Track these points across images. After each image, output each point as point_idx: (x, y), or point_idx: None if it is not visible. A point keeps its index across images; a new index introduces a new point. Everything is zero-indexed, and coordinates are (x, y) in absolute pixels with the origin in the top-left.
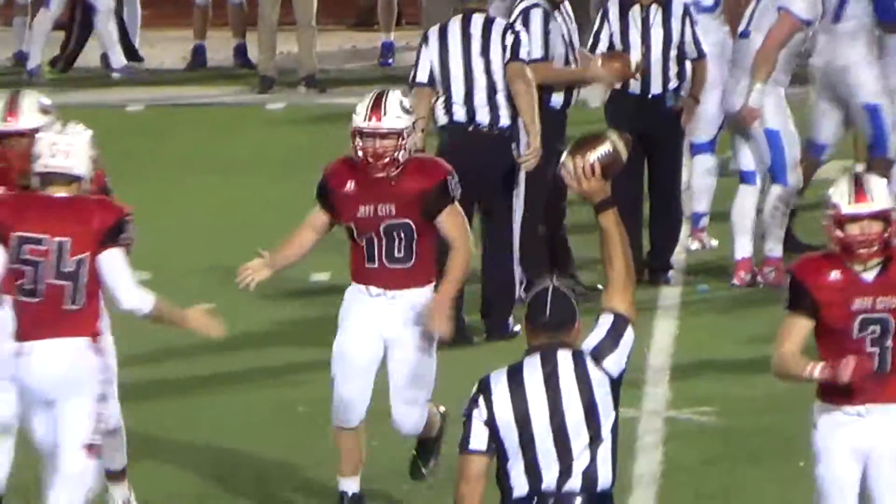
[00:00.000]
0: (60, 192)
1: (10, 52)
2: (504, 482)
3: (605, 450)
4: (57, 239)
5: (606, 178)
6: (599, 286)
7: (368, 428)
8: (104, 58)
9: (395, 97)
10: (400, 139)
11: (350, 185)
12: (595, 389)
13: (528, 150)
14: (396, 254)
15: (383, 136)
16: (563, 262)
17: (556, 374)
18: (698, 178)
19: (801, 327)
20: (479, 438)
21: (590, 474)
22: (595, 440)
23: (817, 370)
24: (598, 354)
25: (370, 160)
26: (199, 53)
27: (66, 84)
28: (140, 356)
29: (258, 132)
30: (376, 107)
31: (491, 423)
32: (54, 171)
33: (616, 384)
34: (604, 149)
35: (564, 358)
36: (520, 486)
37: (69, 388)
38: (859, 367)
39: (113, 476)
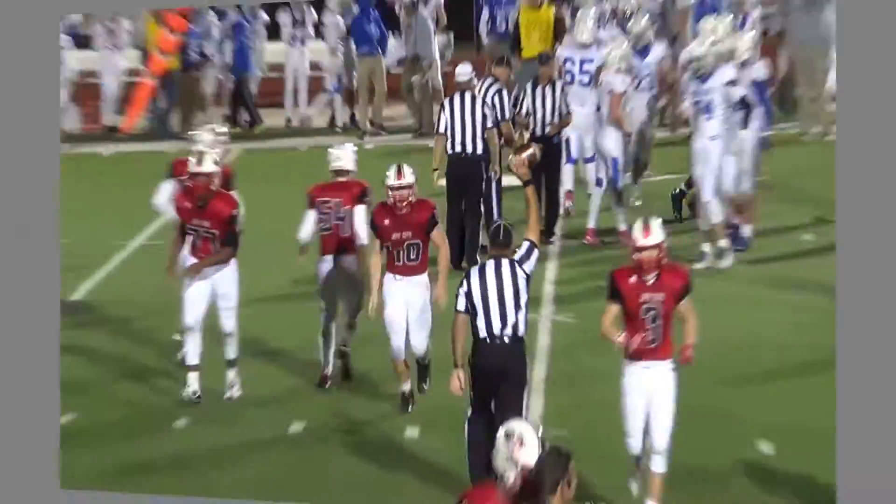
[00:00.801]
0: (342, 178)
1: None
2: (475, 329)
3: (523, 314)
4: (335, 200)
5: (531, 167)
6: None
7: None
8: (288, 120)
9: (407, 167)
10: (412, 189)
11: (386, 221)
12: (519, 280)
13: (492, 170)
14: (412, 256)
15: (404, 188)
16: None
17: (501, 270)
18: (565, 174)
19: (613, 309)
20: (461, 303)
21: (515, 326)
22: (517, 308)
23: (620, 338)
24: (521, 262)
25: (398, 203)
26: (333, 118)
27: (256, 136)
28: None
29: (362, 160)
30: (399, 173)
31: (468, 293)
32: (337, 168)
33: (528, 280)
34: (531, 151)
35: (506, 263)
36: (482, 330)
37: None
38: (642, 341)
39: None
